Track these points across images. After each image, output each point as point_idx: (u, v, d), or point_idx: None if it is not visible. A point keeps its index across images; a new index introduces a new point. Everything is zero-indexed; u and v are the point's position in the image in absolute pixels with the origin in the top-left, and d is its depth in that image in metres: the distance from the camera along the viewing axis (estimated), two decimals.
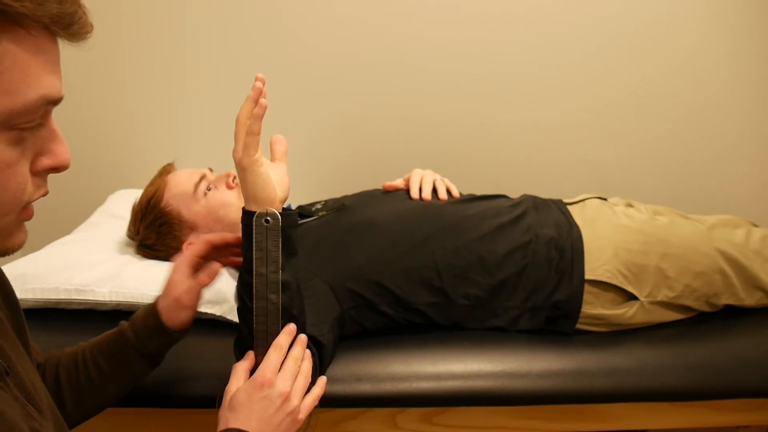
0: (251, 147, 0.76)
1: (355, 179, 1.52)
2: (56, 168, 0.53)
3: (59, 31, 0.49)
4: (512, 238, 1.10)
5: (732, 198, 1.69)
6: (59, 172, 0.54)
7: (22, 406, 0.57)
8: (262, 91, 0.76)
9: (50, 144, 0.52)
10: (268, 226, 0.77)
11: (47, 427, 0.59)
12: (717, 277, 1.10)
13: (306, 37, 1.56)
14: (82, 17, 0.50)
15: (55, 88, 0.50)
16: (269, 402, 0.72)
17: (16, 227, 0.53)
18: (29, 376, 0.62)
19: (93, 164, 1.64)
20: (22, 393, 0.58)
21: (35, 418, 0.58)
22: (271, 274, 0.78)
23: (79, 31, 0.50)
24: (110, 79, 1.60)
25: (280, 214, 0.77)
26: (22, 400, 0.57)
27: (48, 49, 0.49)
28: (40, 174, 0.53)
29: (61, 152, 0.53)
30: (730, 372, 1.03)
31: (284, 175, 0.82)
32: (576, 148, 1.67)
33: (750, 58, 1.59)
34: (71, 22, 0.49)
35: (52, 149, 0.53)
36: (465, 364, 1.02)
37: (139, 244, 1.22)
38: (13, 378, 0.58)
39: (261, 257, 0.78)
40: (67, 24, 0.49)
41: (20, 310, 0.69)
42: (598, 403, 1.02)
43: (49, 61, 0.49)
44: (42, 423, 0.58)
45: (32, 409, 0.58)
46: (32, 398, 0.59)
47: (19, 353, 0.63)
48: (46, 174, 0.54)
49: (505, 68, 1.60)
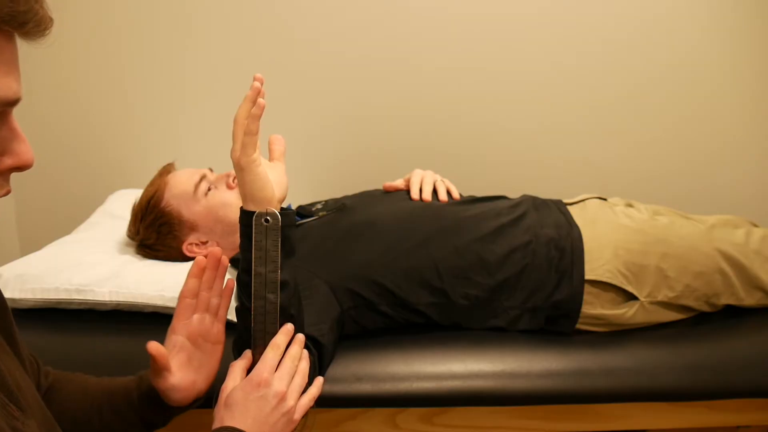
0: (249, 147, 0.76)
1: (355, 179, 1.52)
2: (19, 167, 0.53)
3: (13, 30, 0.47)
4: (512, 239, 1.10)
5: (732, 198, 1.68)
6: (22, 170, 0.53)
7: (3, 405, 0.56)
8: (260, 90, 0.76)
9: (11, 144, 0.52)
10: (267, 226, 0.77)
11: (30, 426, 0.58)
12: (717, 277, 1.10)
13: (306, 37, 1.56)
14: (39, 12, 0.48)
15: (11, 90, 0.49)
16: (265, 401, 0.72)
17: None
18: (12, 375, 0.61)
19: (93, 164, 1.64)
20: (4, 392, 0.58)
21: (17, 417, 0.57)
22: (270, 273, 0.78)
23: (35, 29, 0.48)
24: (110, 79, 1.60)
25: (279, 213, 0.77)
26: (2, 399, 0.57)
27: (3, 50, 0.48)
28: (3, 173, 0.52)
29: (22, 151, 0.52)
30: (730, 372, 1.03)
31: (282, 175, 0.82)
32: (576, 148, 1.67)
33: (750, 58, 1.59)
34: (25, 20, 0.47)
35: (13, 149, 0.52)
36: (465, 364, 1.02)
37: (139, 244, 1.22)
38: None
39: (260, 257, 0.78)
40: (21, 22, 0.47)
41: (8, 308, 0.68)
42: (598, 403, 1.02)
43: (3, 62, 0.48)
44: (24, 422, 0.58)
45: (14, 408, 0.58)
46: (14, 397, 0.58)
47: (2, 353, 0.63)
48: (9, 173, 0.53)
49: (506, 68, 1.60)
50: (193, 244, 1.19)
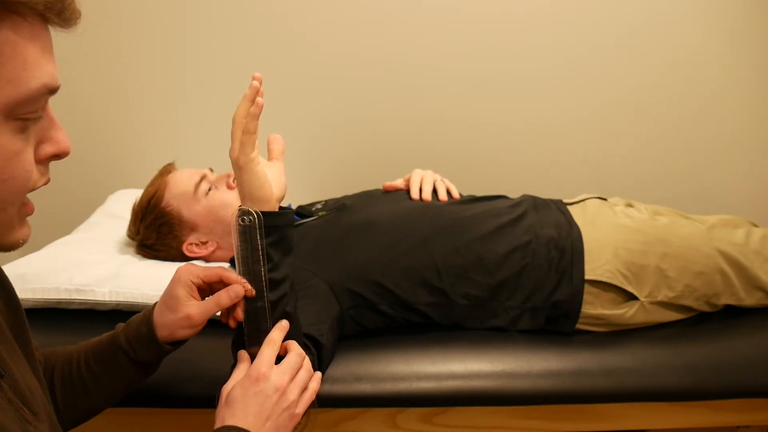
0: (248, 146, 0.76)
1: (355, 179, 1.52)
2: (58, 155, 0.55)
3: (53, 17, 0.50)
4: (512, 238, 1.10)
5: (732, 198, 1.69)
6: (60, 158, 0.55)
7: (17, 409, 0.57)
8: (259, 90, 0.76)
9: (50, 132, 0.54)
10: (248, 225, 0.77)
11: (42, 430, 0.59)
12: (717, 277, 1.10)
13: (306, 37, 1.56)
14: (71, 3, 0.51)
15: (54, 77, 0.51)
16: (264, 396, 0.71)
17: (19, 221, 0.54)
18: (25, 378, 0.61)
19: (93, 164, 1.65)
20: (17, 396, 0.58)
21: (29, 421, 0.57)
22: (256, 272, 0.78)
23: (71, 16, 0.51)
24: (110, 78, 1.60)
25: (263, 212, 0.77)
26: (16, 403, 0.57)
27: (44, 37, 0.50)
28: (43, 162, 0.54)
29: (61, 139, 0.55)
30: (730, 372, 1.03)
31: (281, 174, 0.82)
32: (576, 148, 1.67)
33: (750, 58, 1.59)
34: (63, 8, 0.50)
35: (52, 136, 0.54)
36: (465, 364, 1.02)
37: (140, 244, 1.22)
38: (8, 380, 0.58)
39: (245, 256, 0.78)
40: (60, 10, 0.50)
41: (21, 310, 0.69)
42: (598, 403, 1.02)
43: (46, 49, 0.50)
44: (37, 426, 0.58)
45: (27, 412, 0.58)
46: (27, 401, 0.59)
47: (16, 356, 0.63)
48: (49, 161, 0.55)
49: (506, 68, 1.60)
50: (193, 244, 1.20)
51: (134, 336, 0.79)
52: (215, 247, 1.20)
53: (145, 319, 0.80)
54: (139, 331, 0.79)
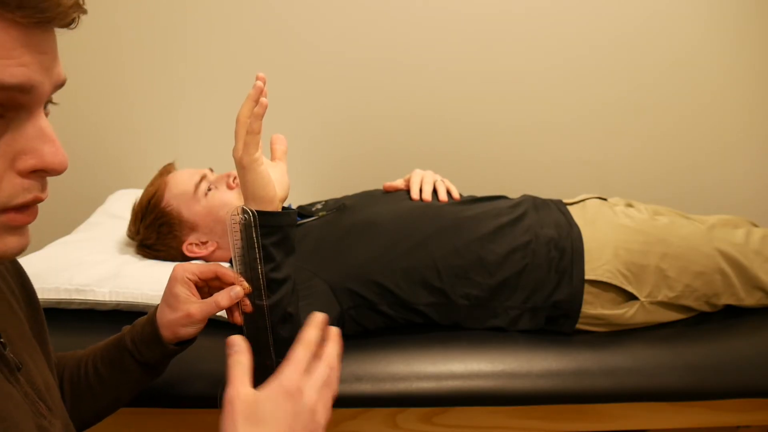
0: (251, 146, 0.76)
1: (355, 179, 1.52)
2: (42, 170, 0.47)
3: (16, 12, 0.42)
4: (512, 239, 1.10)
5: (732, 198, 1.69)
6: (51, 175, 0.48)
7: (33, 402, 0.56)
8: (263, 90, 0.76)
9: (35, 142, 0.46)
10: (243, 224, 0.77)
11: (56, 426, 0.58)
12: (717, 277, 1.10)
13: (307, 37, 1.56)
14: None
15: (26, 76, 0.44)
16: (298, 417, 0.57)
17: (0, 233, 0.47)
18: (43, 374, 0.61)
19: (93, 164, 1.64)
20: (33, 390, 0.58)
21: (45, 415, 0.57)
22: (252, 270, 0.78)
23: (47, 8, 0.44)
24: (110, 78, 1.60)
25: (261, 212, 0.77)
26: (32, 396, 0.57)
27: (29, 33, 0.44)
28: (26, 175, 0.46)
29: (46, 152, 0.46)
30: (730, 372, 1.03)
31: (284, 174, 0.82)
32: (576, 148, 1.67)
33: (750, 58, 1.59)
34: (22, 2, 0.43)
35: (36, 148, 0.46)
36: (465, 364, 1.02)
37: (140, 244, 1.22)
38: (25, 374, 0.58)
39: (241, 254, 0.78)
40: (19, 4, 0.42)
41: (41, 311, 0.68)
42: (598, 403, 1.02)
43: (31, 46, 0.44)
44: (51, 421, 0.58)
45: (42, 406, 0.58)
46: (43, 396, 0.59)
47: (34, 352, 0.63)
48: (35, 176, 0.47)
49: (505, 68, 1.60)
50: (193, 244, 1.20)
51: (139, 337, 0.79)
52: (215, 247, 1.20)
53: (150, 320, 0.80)
54: (144, 332, 0.79)
